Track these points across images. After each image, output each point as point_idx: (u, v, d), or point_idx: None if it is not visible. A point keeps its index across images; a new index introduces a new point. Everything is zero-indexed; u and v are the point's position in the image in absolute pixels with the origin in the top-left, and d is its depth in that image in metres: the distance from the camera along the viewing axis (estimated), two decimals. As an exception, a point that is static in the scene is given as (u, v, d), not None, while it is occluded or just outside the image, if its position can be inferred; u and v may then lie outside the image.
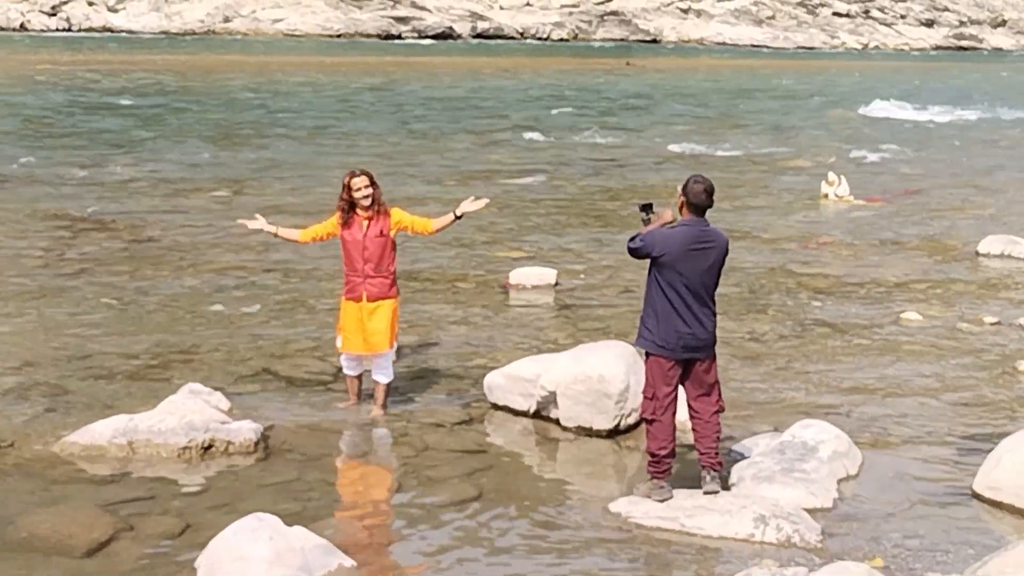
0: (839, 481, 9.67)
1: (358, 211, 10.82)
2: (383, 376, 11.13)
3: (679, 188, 9.07)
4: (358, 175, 10.77)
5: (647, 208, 9.33)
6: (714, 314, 9.14)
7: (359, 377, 11.30)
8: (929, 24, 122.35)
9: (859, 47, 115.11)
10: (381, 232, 10.84)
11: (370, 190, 10.76)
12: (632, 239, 9.00)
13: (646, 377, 9.15)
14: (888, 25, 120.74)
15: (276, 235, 11.18)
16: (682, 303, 8.86)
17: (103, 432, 9.98)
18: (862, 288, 16.75)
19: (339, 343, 11.19)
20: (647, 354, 9.10)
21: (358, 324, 10.91)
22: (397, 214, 10.98)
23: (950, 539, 8.76)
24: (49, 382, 11.69)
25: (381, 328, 10.95)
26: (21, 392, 11.36)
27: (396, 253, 11.05)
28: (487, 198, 11.39)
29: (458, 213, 11.04)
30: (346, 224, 10.85)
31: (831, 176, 25.07)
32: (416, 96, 47.37)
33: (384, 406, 11.11)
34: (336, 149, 30.76)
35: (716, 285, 9.13)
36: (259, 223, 11.12)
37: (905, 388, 12.37)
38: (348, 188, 10.78)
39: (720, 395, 9.30)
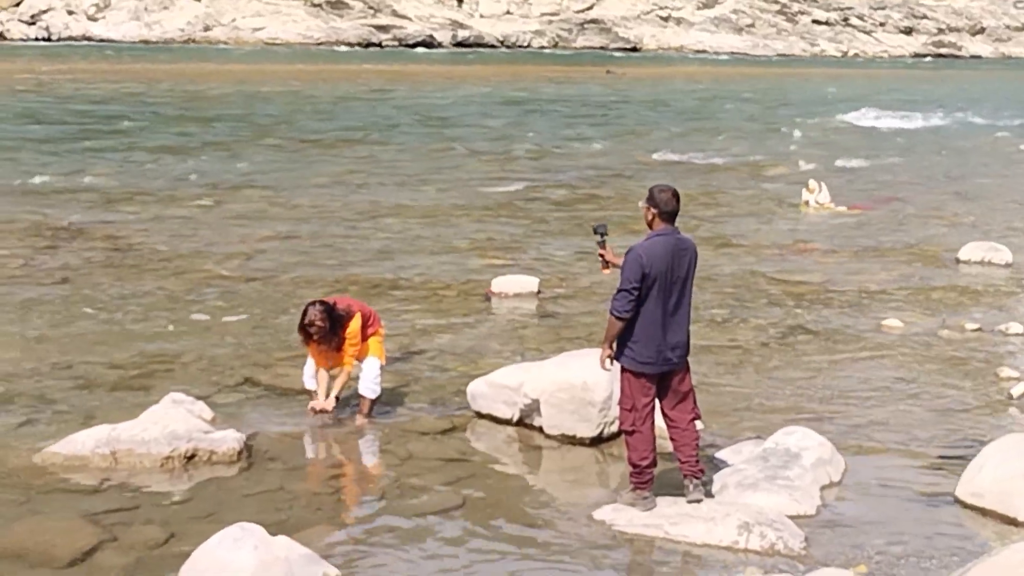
0: (822, 488, 9.68)
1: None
2: (369, 392, 11.13)
3: (642, 204, 8.96)
4: (309, 324, 10.76)
5: (602, 230, 9.34)
6: (688, 322, 9.10)
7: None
8: (908, 32, 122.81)
9: (838, 55, 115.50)
10: (340, 358, 11.06)
11: (321, 333, 10.79)
12: (617, 296, 8.82)
13: (623, 389, 9.11)
14: (867, 33, 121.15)
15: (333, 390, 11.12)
16: (663, 315, 8.81)
17: (85, 442, 9.94)
18: (843, 295, 16.79)
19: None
20: (624, 368, 9.06)
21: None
22: (351, 337, 10.95)
23: (933, 545, 8.78)
24: (31, 392, 11.65)
25: (367, 346, 11.12)
26: (2, 403, 11.32)
27: (366, 324, 11.14)
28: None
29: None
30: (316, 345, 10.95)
31: (811, 183, 25.11)
32: (397, 104, 47.37)
33: (368, 415, 11.11)
34: (317, 158, 30.75)
35: (691, 291, 9.07)
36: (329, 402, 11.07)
37: (887, 395, 12.39)
38: (303, 328, 10.85)
39: (695, 402, 9.28)
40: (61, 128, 35.62)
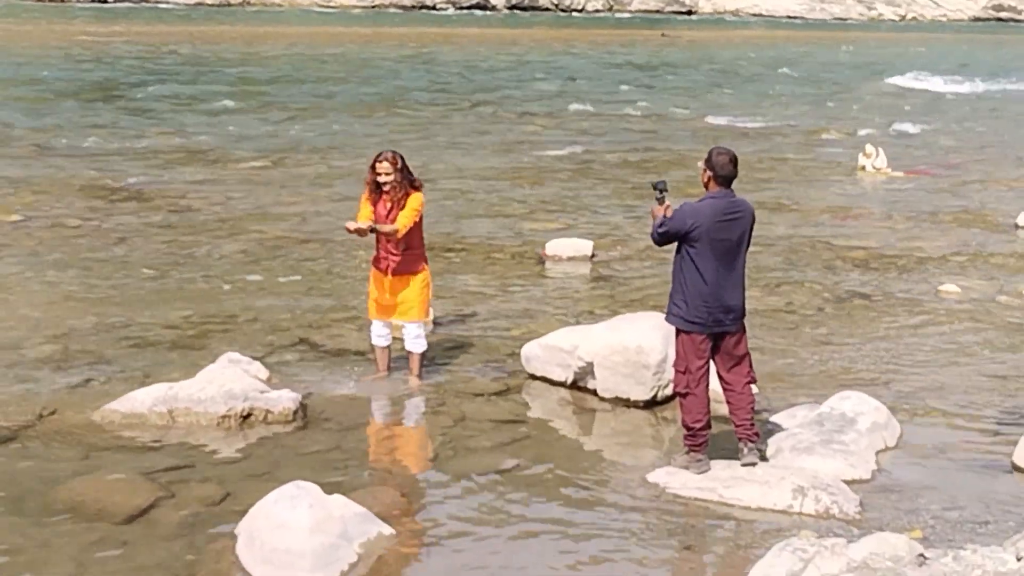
0: (878, 453, 9.64)
1: (383, 191, 10.74)
2: (416, 346, 11.14)
3: (700, 164, 9.00)
4: (382, 160, 10.67)
5: (661, 187, 9.27)
6: (743, 286, 9.08)
7: (388, 348, 11.30)
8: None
9: (896, 18, 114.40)
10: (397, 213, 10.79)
11: (391, 176, 10.63)
12: (659, 226, 8.93)
13: (677, 351, 9.11)
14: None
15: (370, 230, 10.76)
16: (713, 276, 8.80)
17: (143, 400, 10.03)
18: (900, 260, 16.68)
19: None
20: (678, 330, 9.06)
21: (383, 292, 10.96)
22: (413, 201, 10.75)
23: (990, 511, 8.72)
24: (89, 351, 11.77)
25: (410, 297, 10.97)
26: (62, 360, 11.44)
27: (422, 230, 10.99)
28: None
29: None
30: (376, 201, 10.80)
31: (868, 148, 24.95)
32: (452, 67, 47.34)
33: (419, 375, 11.14)
34: (372, 120, 30.79)
35: (745, 256, 9.05)
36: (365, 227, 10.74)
37: (944, 360, 12.31)
38: (372, 168, 10.71)
39: (751, 366, 9.26)
40: (117, 90, 35.82)
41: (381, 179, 10.64)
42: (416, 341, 11.13)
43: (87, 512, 8.24)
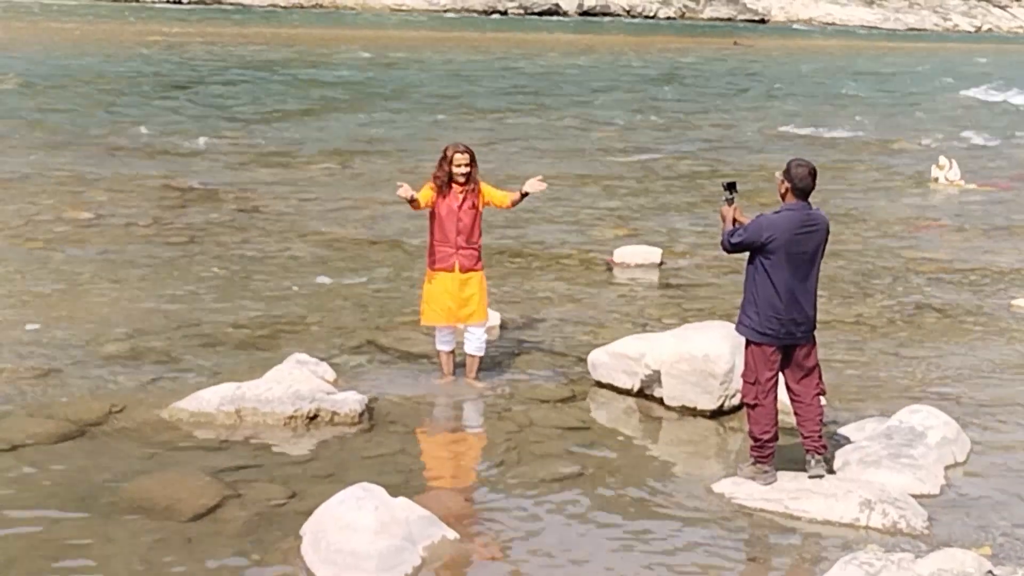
0: (947, 468, 9.53)
1: (454, 184, 10.82)
2: (480, 350, 11.22)
3: (778, 175, 8.94)
4: (461, 151, 10.80)
5: (731, 187, 9.22)
6: (816, 298, 9.01)
7: (453, 352, 11.33)
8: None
9: (972, 29, 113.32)
10: (473, 205, 10.95)
11: (468, 168, 10.79)
12: (732, 234, 8.88)
13: (746, 362, 9.06)
14: (1002, 7, 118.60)
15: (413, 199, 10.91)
16: (786, 288, 8.74)
17: (211, 399, 10.10)
18: (972, 273, 16.50)
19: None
20: (748, 341, 9.01)
21: (450, 295, 10.97)
22: (485, 189, 11.08)
23: (1060, 529, 8.61)
24: (158, 349, 11.86)
25: (475, 299, 11.05)
26: (131, 358, 11.54)
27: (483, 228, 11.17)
28: (546, 184, 11.27)
29: (524, 191, 11.07)
30: (442, 195, 10.86)
31: (942, 160, 24.73)
32: (523, 72, 47.37)
33: (477, 377, 11.21)
34: (443, 124, 30.86)
35: (819, 268, 8.98)
36: (406, 191, 10.86)
37: (1015, 375, 12.15)
38: (449, 161, 10.78)
39: (821, 377, 9.18)
40: (190, 90, 36.13)
41: (459, 170, 10.78)
42: (480, 344, 11.20)
43: (154, 510, 8.30)
